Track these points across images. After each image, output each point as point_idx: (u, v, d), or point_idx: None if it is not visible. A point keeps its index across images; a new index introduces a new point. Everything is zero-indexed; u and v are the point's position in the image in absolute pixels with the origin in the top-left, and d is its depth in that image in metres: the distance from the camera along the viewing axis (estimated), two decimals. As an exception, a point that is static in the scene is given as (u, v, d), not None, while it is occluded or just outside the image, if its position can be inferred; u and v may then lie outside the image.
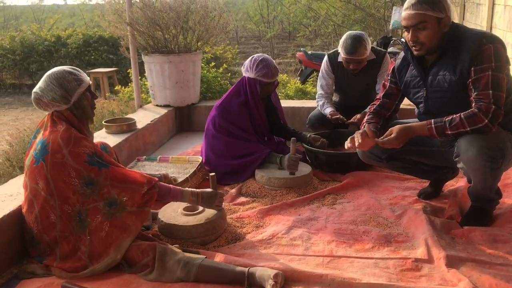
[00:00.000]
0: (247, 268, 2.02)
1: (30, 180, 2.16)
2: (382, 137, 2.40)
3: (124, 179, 2.16)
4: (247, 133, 3.35)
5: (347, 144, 2.48)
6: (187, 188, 2.40)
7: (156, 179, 2.27)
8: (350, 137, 2.50)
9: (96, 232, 2.09)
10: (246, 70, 3.33)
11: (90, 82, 2.28)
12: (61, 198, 2.10)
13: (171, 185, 2.35)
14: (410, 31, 2.32)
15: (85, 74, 2.27)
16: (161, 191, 2.25)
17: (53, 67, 2.27)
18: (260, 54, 3.41)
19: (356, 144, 2.45)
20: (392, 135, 2.34)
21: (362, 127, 2.54)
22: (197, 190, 2.42)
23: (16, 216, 2.25)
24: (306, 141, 3.44)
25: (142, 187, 2.17)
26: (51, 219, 2.13)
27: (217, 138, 3.32)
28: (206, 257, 2.11)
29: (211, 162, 3.32)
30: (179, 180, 2.94)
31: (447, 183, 2.96)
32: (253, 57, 3.34)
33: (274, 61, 3.37)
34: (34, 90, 2.20)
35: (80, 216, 2.10)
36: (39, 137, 2.19)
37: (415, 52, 2.39)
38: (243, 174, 3.27)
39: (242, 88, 3.36)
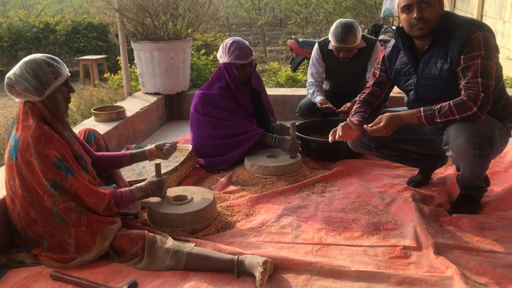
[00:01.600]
0: (237, 256, 2.02)
1: (8, 176, 2.13)
2: (370, 125, 2.40)
3: (88, 192, 2.09)
4: (234, 115, 3.31)
5: (330, 136, 2.47)
6: (135, 186, 2.35)
7: (112, 191, 2.19)
8: (333, 129, 2.48)
9: (77, 226, 2.08)
10: (220, 56, 3.31)
11: (68, 75, 2.17)
12: (38, 195, 2.07)
13: (122, 190, 2.29)
14: (415, 8, 2.27)
15: (65, 66, 2.16)
16: (115, 201, 2.19)
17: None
18: (232, 37, 3.37)
19: (337, 137, 2.43)
20: (381, 124, 2.34)
21: (349, 118, 2.53)
22: (144, 183, 2.38)
23: (3, 205, 2.23)
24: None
25: (102, 203, 2.11)
26: (32, 215, 2.10)
27: (203, 122, 3.29)
28: (195, 245, 2.11)
29: (199, 148, 3.31)
30: (169, 168, 2.93)
31: (436, 171, 2.98)
32: (224, 42, 3.31)
33: (246, 42, 3.32)
34: (8, 75, 2.10)
35: (58, 212, 2.08)
36: (14, 132, 2.13)
37: (417, 32, 2.32)
38: (234, 152, 3.24)
39: (221, 74, 3.34)
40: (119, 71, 6.27)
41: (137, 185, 2.37)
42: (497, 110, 2.35)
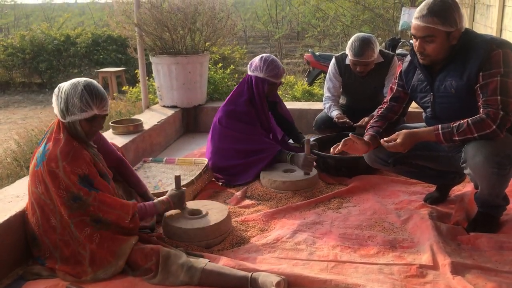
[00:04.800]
0: (250, 273, 2.01)
1: (31, 182, 2.18)
2: (387, 139, 2.39)
3: (113, 204, 2.14)
4: (254, 129, 3.35)
5: (331, 149, 2.52)
6: (158, 199, 2.40)
7: (136, 204, 2.25)
8: (336, 144, 2.51)
9: (89, 242, 2.09)
10: (254, 69, 3.33)
11: (97, 114, 2.16)
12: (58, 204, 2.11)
13: (146, 203, 2.33)
14: (418, 41, 2.30)
15: (100, 105, 2.16)
16: (139, 214, 2.23)
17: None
18: (269, 54, 3.43)
19: (336, 150, 2.48)
20: (398, 140, 2.33)
21: (351, 134, 2.54)
22: (165, 197, 2.42)
23: (22, 217, 2.27)
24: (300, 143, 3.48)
25: (127, 215, 2.15)
26: (51, 222, 2.13)
27: (225, 136, 3.32)
28: (209, 261, 2.11)
29: (217, 165, 3.33)
30: (185, 182, 2.94)
31: (453, 188, 2.94)
32: (262, 57, 3.34)
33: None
34: (61, 84, 2.19)
35: (72, 225, 2.11)
36: (44, 141, 2.19)
37: (420, 61, 2.38)
38: (252, 171, 3.26)
39: (246, 86, 3.36)
40: (137, 84, 6.35)
41: (160, 198, 2.41)
42: (517, 128, 2.32)
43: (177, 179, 2.50)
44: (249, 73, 3.38)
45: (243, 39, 17.19)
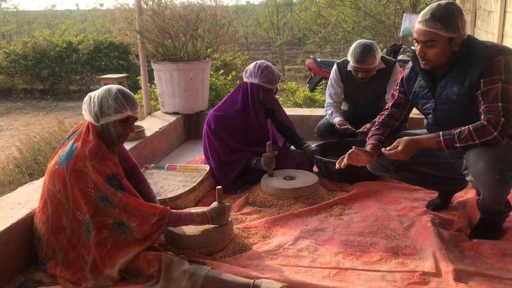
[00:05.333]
0: (253, 280, 2.01)
1: (49, 180, 2.20)
2: (388, 148, 2.39)
3: (138, 206, 2.18)
4: (238, 141, 3.34)
5: (337, 164, 2.49)
6: (197, 211, 2.40)
7: (168, 208, 2.29)
8: (341, 157, 2.49)
9: (99, 246, 2.10)
10: (249, 75, 3.34)
11: (131, 115, 2.28)
12: (76, 204, 2.13)
13: (181, 211, 2.37)
14: (419, 45, 2.31)
15: (133, 107, 2.28)
16: (171, 219, 2.27)
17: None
18: (263, 60, 3.44)
19: (342, 165, 2.46)
20: (399, 148, 2.33)
21: (354, 146, 2.53)
22: (204, 210, 2.41)
23: (24, 224, 2.27)
24: (307, 152, 3.47)
25: (153, 216, 2.19)
26: (62, 222, 2.15)
27: (210, 143, 3.33)
28: (211, 268, 2.11)
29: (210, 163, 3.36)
30: (186, 189, 2.94)
31: (456, 195, 2.94)
32: (257, 63, 3.36)
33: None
34: (91, 93, 2.29)
35: (88, 226, 2.12)
36: (71, 141, 2.23)
37: (422, 66, 2.38)
38: (225, 180, 3.27)
39: (241, 94, 3.36)
40: (139, 91, 6.36)
41: (198, 210, 2.40)
42: (518, 134, 2.32)
43: (219, 191, 2.47)
44: (245, 79, 3.40)
45: (244, 46, 17.23)
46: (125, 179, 2.25)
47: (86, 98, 2.28)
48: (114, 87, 2.28)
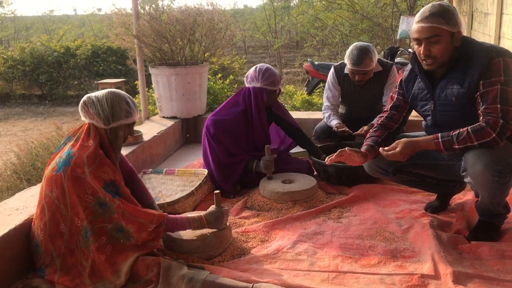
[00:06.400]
0: (251, 284, 2.00)
1: (46, 186, 2.18)
2: (387, 148, 2.39)
3: (135, 213, 2.17)
4: (237, 145, 3.34)
5: (327, 158, 2.53)
6: (193, 215, 2.39)
7: (165, 214, 2.28)
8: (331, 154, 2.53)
9: (99, 252, 2.10)
10: (251, 80, 3.34)
11: (136, 120, 2.36)
12: (74, 210, 2.12)
13: (178, 216, 2.35)
14: (423, 44, 2.29)
15: (137, 112, 2.35)
16: (168, 226, 2.26)
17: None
18: (263, 63, 3.44)
19: (329, 159, 2.49)
20: (397, 149, 2.33)
21: (347, 147, 2.54)
22: (200, 214, 2.40)
23: (22, 230, 2.26)
24: (315, 152, 3.46)
25: (150, 223, 2.18)
26: (60, 228, 2.14)
27: (211, 147, 3.31)
28: (210, 273, 2.10)
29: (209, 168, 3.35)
30: (185, 193, 2.94)
31: (454, 197, 2.94)
32: (256, 67, 3.36)
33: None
34: (89, 95, 2.26)
35: (86, 233, 2.11)
36: (68, 146, 2.22)
37: (425, 67, 2.36)
38: (228, 182, 3.27)
39: (241, 98, 3.36)
40: (137, 95, 6.36)
41: (195, 215, 2.39)
42: (517, 136, 2.32)
43: (217, 196, 2.45)
44: (247, 85, 3.39)
45: (242, 49, 17.26)
46: (122, 185, 2.23)
47: (88, 100, 2.24)
48: (117, 90, 2.30)
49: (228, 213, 2.50)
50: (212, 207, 2.45)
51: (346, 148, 2.47)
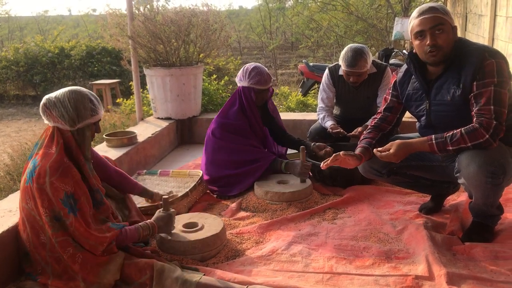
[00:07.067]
0: (246, 286, 2.00)
1: (22, 199, 2.14)
2: (380, 149, 2.39)
3: (86, 234, 2.05)
4: (248, 139, 3.35)
5: (323, 163, 2.52)
6: (142, 223, 2.30)
7: (117, 232, 2.14)
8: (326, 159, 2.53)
9: (71, 263, 2.05)
10: (239, 79, 3.37)
11: (101, 117, 2.24)
12: (43, 221, 2.07)
13: (127, 228, 2.22)
14: (428, 35, 2.28)
15: (102, 107, 2.24)
16: (119, 240, 2.16)
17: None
18: (252, 63, 3.45)
19: (325, 164, 2.49)
20: (391, 151, 2.33)
21: (342, 151, 2.54)
22: (151, 221, 2.33)
23: (15, 232, 2.24)
24: (309, 149, 3.43)
25: (100, 245, 2.06)
26: (41, 238, 2.10)
27: (219, 147, 3.32)
28: (204, 275, 2.09)
29: (212, 176, 3.31)
30: (180, 194, 2.93)
31: (448, 198, 2.94)
32: (245, 67, 3.38)
33: (266, 68, 3.41)
34: (48, 96, 2.14)
35: (56, 244, 2.06)
36: (34, 155, 2.14)
37: (430, 59, 2.33)
38: (247, 181, 3.26)
39: (237, 98, 3.38)
40: (131, 96, 6.35)
41: (145, 222, 2.32)
42: (510, 137, 2.32)
43: (165, 201, 2.41)
44: (238, 84, 3.42)
45: (237, 50, 17.25)
46: (81, 200, 2.07)
47: (49, 102, 2.12)
48: (77, 88, 2.17)
49: (175, 215, 2.44)
50: (160, 211, 2.40)
51: (341, 152, 2.47)
